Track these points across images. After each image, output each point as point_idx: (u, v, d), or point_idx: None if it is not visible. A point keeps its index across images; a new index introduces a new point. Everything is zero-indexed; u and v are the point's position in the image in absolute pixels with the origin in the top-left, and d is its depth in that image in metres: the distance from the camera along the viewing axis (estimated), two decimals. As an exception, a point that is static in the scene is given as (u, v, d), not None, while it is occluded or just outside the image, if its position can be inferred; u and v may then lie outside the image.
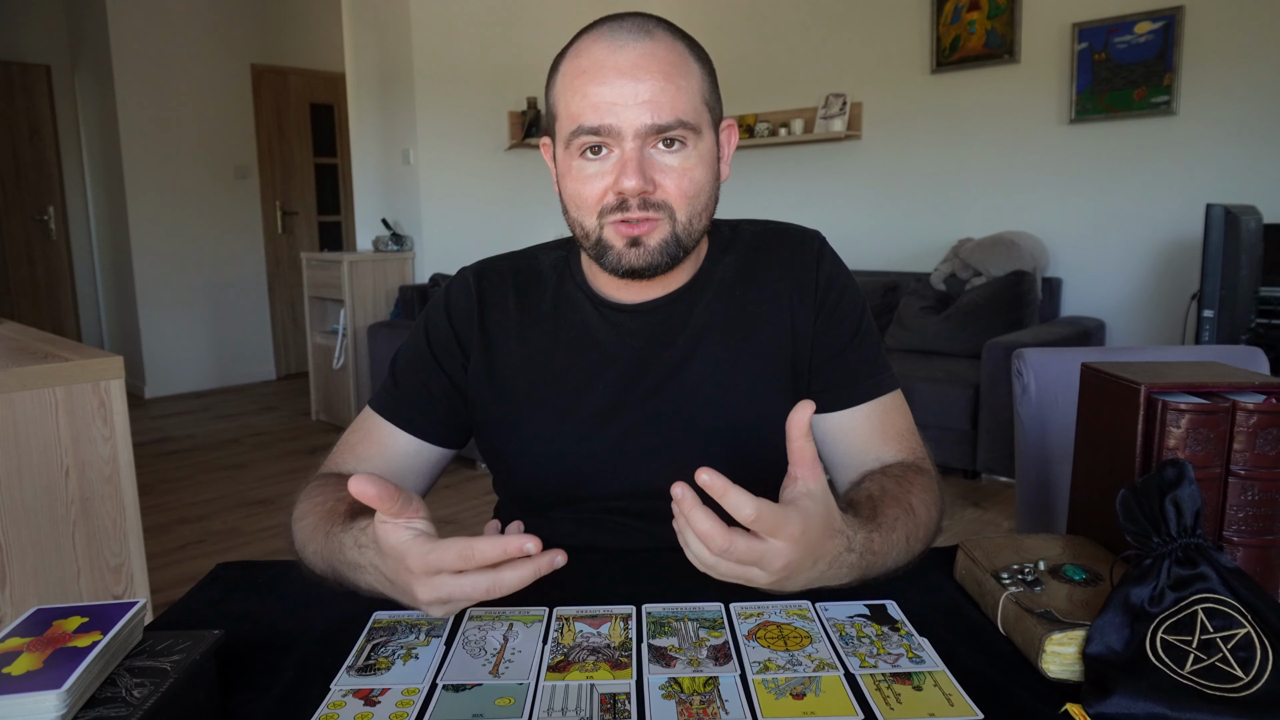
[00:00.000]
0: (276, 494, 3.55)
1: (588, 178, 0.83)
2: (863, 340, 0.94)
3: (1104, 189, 3.75)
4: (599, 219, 0.84)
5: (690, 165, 0.83)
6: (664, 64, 0.80)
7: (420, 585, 0.65)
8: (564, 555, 0.65)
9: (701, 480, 0.61)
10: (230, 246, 5.69)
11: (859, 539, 0.72)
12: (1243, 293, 2.68)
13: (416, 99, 4.42)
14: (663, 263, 0.85)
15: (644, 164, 0.81)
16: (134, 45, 5.14)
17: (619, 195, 0.81)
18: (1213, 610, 0.58)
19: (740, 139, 4.77)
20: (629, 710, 0.58)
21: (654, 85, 0.79)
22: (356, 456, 0.93)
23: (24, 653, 0.54)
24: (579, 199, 0.85)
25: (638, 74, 0.79)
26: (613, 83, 0.79)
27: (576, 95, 0.81)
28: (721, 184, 0.90)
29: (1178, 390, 0.73)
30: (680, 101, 0.80)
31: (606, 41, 0.81)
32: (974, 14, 4.02)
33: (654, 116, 0.79)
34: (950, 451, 3.42)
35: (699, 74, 0.84)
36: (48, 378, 1.47)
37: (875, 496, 0.80)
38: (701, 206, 0.85)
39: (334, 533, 0.75)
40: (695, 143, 0.83)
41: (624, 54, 0.80)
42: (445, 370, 0.96)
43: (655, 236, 0.84)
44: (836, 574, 0.71)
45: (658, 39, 0.81)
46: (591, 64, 0.81)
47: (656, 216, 0.83)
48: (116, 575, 1.57)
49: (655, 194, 0.82)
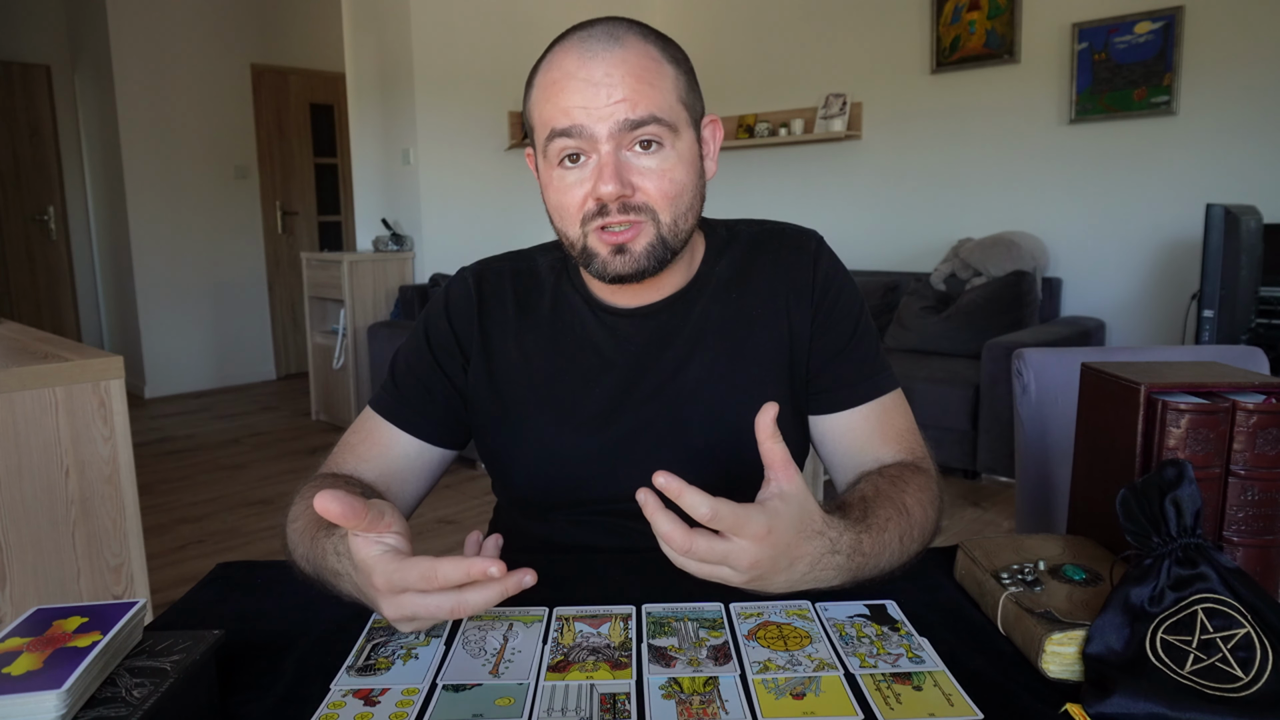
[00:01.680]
0: (276, 494, 3.55)
1: (567, 186, 0.82)
2: (861, 341, 0.94)
3: (1104, 189, 3.75)
4: (582, 227, 0.83)
5: (669, 166, 0.82)
6: (635, 69, 0.79)
7: (385, 602, 0.65)
8: (533, 575, 0.64)
9: (658, 483, 0.61)
10: (230, 246, 5.69)
11: (845, 540, 0.71)
12: (1243, 293, 2.68)
13: (416, 99, 4.42)
14: (650, 267, 0.84)
15: (621, 167, 0.80)
16: (134, 45, 5.14)
17: (599, 201, 0.81)
18: (1213, 610, 0.58)
19: (740, 139, 4.79)
20: (629, 710, 0.58)
21: (625, 88, 0.78)
22: (358, 457, 0.93)
23: (24, 653, 0.54)
24: (561, 209, 0.84)
25: (609, 80, 0.78)
26: (584, 90, 0.79)
27: (548, 103, 0.81)
28: (709, 181, 0.89)
29: (1178, 390, 0.73)
30: (654, 99, 0.79)
31: (576, 53, 0.80)
32: (974, 14, 4.02)
33: (627, 113, 0.78)
34: (950, 451, 3.42)
35: (672, 75, 0.82)
36: (48, 378, 1.47)
37: (868, 497, 0.79)
38: (686, 206, 0.84)
39: (319, 538, 0.75)
40: (673, 142, 0.82)
41: (595, 63, 0.79)
42: (445, 371, 0.96)
43: (640, 241, 0.83)
44: (823, 576, 0.71)
45: (628, 45, 0.80)
46: (562, 74, 0.80)
47: (639, 220, 0.82)
48: (116, 575, 1.57)
49: (635, 197, 0.81)
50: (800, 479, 0.70)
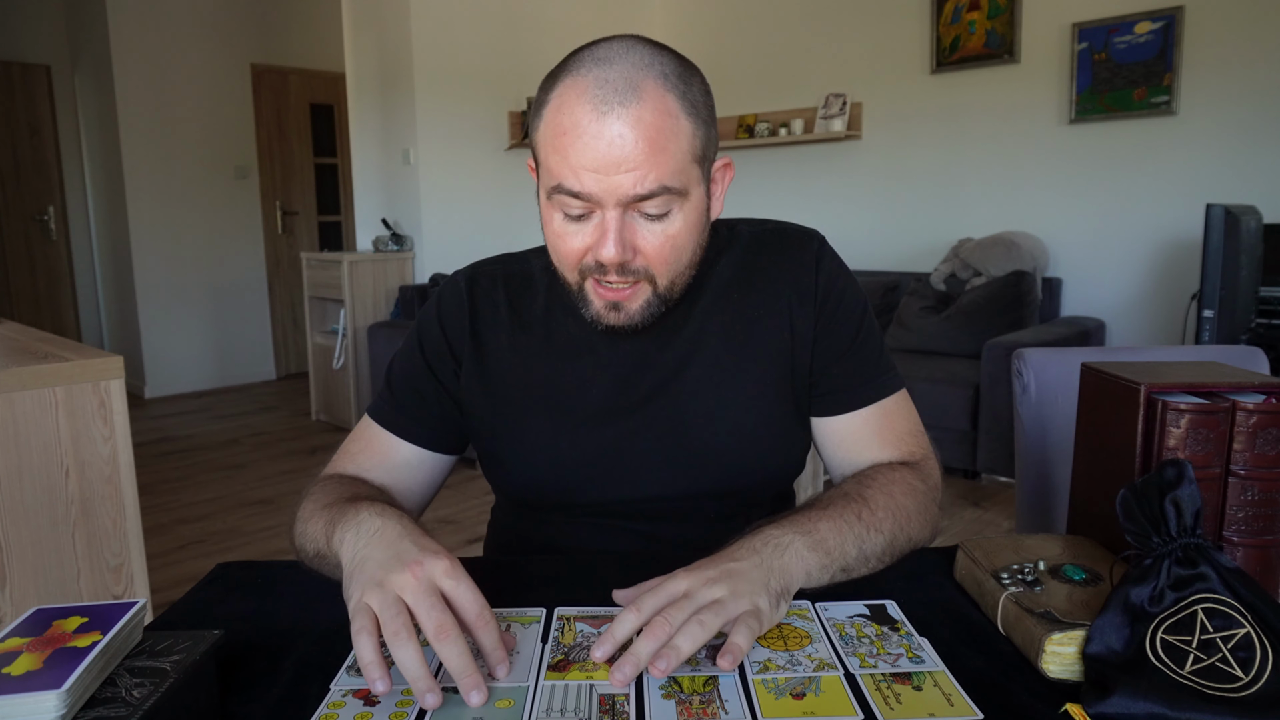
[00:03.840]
0: (276, 494, 3.55)
1: (568, 235, 0.81)
2: (864, 343, 0.93)
3: (1104, 189, 3.75)
4: (579, 274, 0.83)
5: (674, 231, 0.80)
6: (650, 129, 0.75)
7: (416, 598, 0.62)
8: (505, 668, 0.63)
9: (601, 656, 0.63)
10: (230, 246, 5.69)
11: (798, 541, 0.73)
12: (1243, 293, 2.68)
13: (416, 99, 4.42)
14: (643, 322, 0.84)
15: (624, 232, 0.78)
16: (134, 45, 5.14)
17: (598, 261, 0.80)
18: (1213, 610, 0.58)
19: (740, 139, 4.79)
20: (628, 710, 0.58)
21: (638, 153, 0.75)
22: (358, 466, 0.93)
23: (24, 653, 0.54)
24: (558, 254, 0.83)
25: (623, 142, 0.74)
26: (594, 149, 0.75)
27: (556, 154, 0.77)
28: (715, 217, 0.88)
29: (1178, 390, 0.73)
30: (666, 166, 0.76)
31: (590, 102, 0.75)
32: (974, 14, 4.02)
33: (636, 185, 0.76)
34: (950, 451, 3.42)
35: (689, 130, 0.78)
36: (48, 378, 1.46)
37: (828, 496, 0.81)
38: (685, 264, 0.84)
39: (345, 506, 0.75)
40: (681, 205, 0.79)
41: (608, 121, 0.74)
42: (438, 377, 0.95)
43: (636, 301, 0.83)
44: (795, 562, 0.72)
45: (645, 99, 0.75)
46: (573, 125, 0.75)
47: (637, 281, 0.81)
48: (116, 575, 1.57)
49: (635, 261, 0.80)
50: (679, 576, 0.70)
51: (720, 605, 0.64)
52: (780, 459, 0.94)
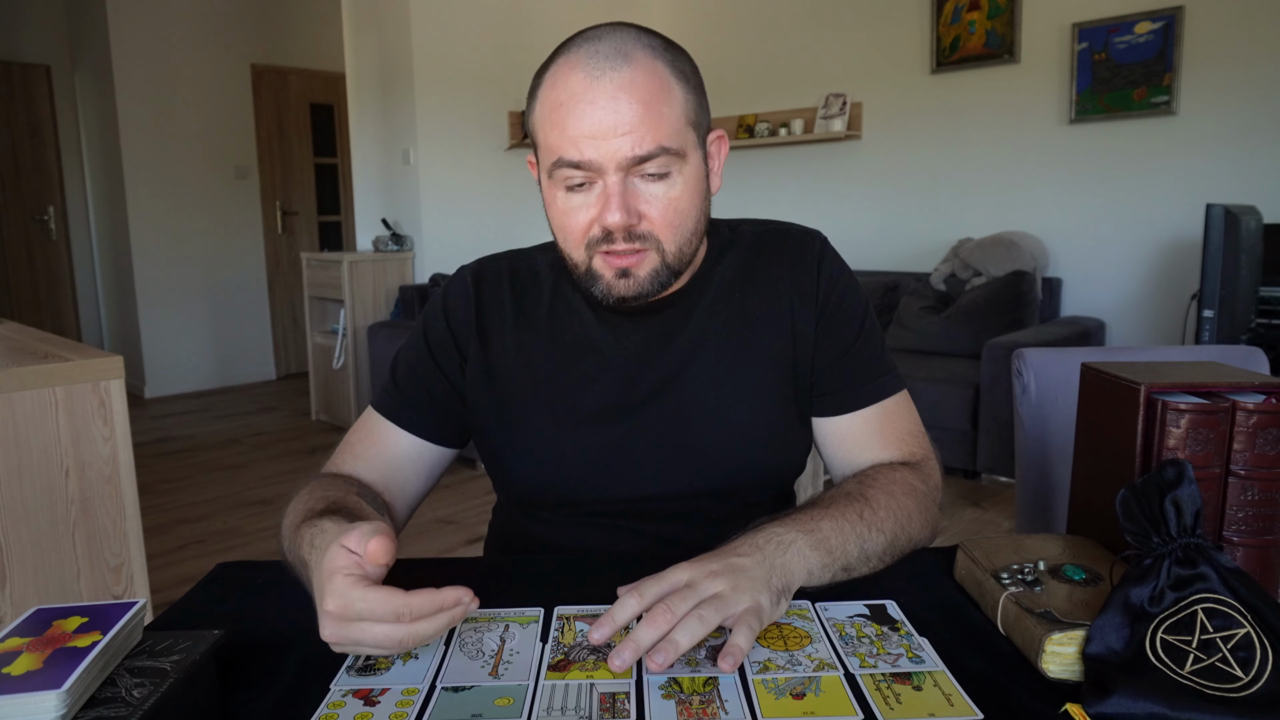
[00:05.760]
0: (276, 494, 3.55)
1: (572, 210, 0.82)
2: (865, 343, 0.94)
3: (1104, 189, 3.75)
4: (586, 250, 0.83)
5: (676, 194, 0.81)
6: (643, 91, 0.77)
7: (330, 625, 0.61)
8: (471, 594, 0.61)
9: (593, 639, 0.65)
10: (230, 246, 5.69)
11: (801, 540, 0.73)
12: (1243, 293, 2.68)
13: (416, 99, 4.42)
14: (653, 290, 0.84)
15: (628, 197, 0.79)
16: (134, 45, 5.14)
17: (604, 229, 0.80)
18: (1212, 610, 0.58)
19: (740, 139, 4.79)
20: (628, 710, 0.58)
21: (634, 115, 0.77)
22: (358, 456, 0.93)
23: (24, 653, 0.54)
24: (564, 231, 0.84)
25: (616, 105, 0.76)
26: (590, 116, 0.77)
27: (554, 129, 0.79)
28: (714, 195, 0.89)
29: (1178, 390, 0.73)
30: (662, 128, 0.78)
31: (583, 71, 0.78)
32: (974, 14, 4.02)
33: (634, 147, 0.77)
34: (950, 451, 3.42)
35: (681, 95, 0.81)
36: (48, 378, 1.46)
37: (830, 496, 0.81)
38: (690, 231, 0.84)
39: (303, 526, 0.74)
40: (680, 167, 0.81)
41: (601, 85, 0.77)
42: (444, 371, 0.96)
43: (644, 267, 0.83)
44: (803, 567, 0.72)
45: (636, 64, 0.78)
46: (569, 96, 0.78)
47: (644, 248, 0.82)
48: (116, 575, 1.57)
49: (640, 225, 0.81)
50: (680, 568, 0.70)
51: (721, 600, 0.64)
52: (781, 459, 0.94)
